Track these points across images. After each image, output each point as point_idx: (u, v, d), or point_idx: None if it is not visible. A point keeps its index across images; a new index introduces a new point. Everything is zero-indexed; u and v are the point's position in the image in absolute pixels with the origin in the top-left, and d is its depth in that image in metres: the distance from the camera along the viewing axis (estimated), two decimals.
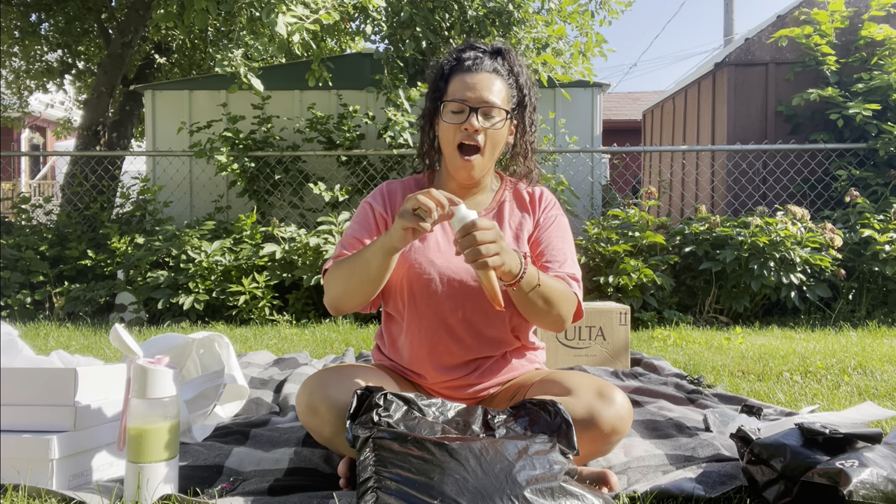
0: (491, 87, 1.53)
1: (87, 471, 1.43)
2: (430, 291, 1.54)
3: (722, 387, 2.45)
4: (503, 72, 1.57)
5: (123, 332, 1.37)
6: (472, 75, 1.53)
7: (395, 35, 5.31)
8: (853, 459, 1.19)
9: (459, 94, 1.52)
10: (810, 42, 5.54)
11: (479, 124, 1.51)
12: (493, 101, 1.52)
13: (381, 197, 1.65)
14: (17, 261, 4.88)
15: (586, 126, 6.28)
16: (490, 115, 1.52)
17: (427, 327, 1.56)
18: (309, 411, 1.42)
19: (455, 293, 1.54)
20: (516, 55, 1.62)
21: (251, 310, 4.49)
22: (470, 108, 1.51)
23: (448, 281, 1.54)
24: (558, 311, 1.47)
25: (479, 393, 1.59)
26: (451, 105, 1.53)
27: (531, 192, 1.68)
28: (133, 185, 5.75)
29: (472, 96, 1.51)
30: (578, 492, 1.14)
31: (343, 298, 1.50)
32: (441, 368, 1.57)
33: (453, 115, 1.53)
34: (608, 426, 1.36)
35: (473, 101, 1.51)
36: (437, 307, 1.54)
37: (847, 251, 4.54)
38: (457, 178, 1.59)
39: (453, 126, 1.52)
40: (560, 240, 1.63)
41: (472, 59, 1.56)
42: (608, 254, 4.54)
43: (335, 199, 5.21)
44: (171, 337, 2.01)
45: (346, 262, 1.50)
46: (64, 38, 8.46)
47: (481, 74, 1.53)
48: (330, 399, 1.40)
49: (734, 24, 12.54)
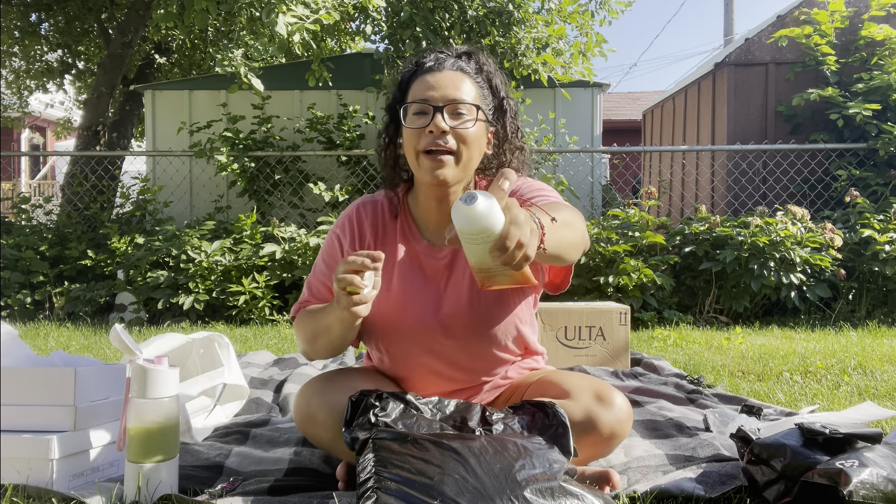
0: (457, 83, 1.35)
1: (87, 471, 1.43)
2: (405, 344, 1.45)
3: (722, 387, 2.44)
4: (470, 70, 1.40)
5: (123, 332, 1.37)
6: (433, 74, 1.36)
7: (395, 35, 5.30)
8: (853, 459, 1.19)
9: (421, 95, 1.34)
10: (810, 42, 5.54)
11: (447, 124, 1.32)
12: (462, 97, 1.34)
13: (350, 229, 1.49)
14: (17, 261, 4.88)
15: (586, 126, 6.28)
16: (458, 114, 1.34)
17: (410, 371, 1.50)
18: (306, 419, 1.40)
19: (434, 338, 1.43)
20: (486, 56, 1.47)
21: (251, 310, 4.49)
22: (434, 107, 1.32)
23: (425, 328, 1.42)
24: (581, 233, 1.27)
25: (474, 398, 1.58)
26: (412, 107, 1.35)
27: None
28: (133, 185, 5.75)
29: (435, 94, 1.33)
30: (578, 491, 1.14)
31: (312, 353, 1.44)
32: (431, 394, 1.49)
33: (415, 118, 1.34)
34: (607, 430, 1.34)
35: (437, 99, 1.33)
36: (417, 356, 1.46)
37: (847, 251, 4.54)
38: (428, 184, 1.38)
39: (417, 131, 1.34)
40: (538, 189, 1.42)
41: (434, 60, 1.39)
42: (608, 254, 4.54)
43: (335, 199, 5.21)
44: (171, 337, 2.01)
45: (309, 319, 1.41)
46: (64, 38, 8.46)
47: (444, 72, 1.37)
48: (327, 405, 1.38)
49: (734, 24, 12.54)
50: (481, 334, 1.43)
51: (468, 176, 1.42)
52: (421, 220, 1.49)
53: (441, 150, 1.32)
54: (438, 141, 1.32)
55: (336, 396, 1.38)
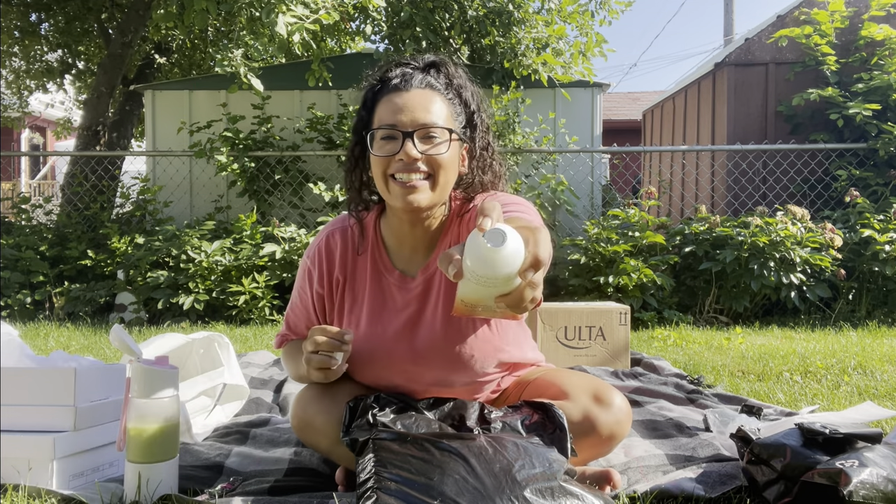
0: (427, 105, 1.27)
1: (87, 471, 1.43)
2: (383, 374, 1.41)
3: (722, 387, 2.44)
4: (439, 86, 1.32)
5: (123, 332, 1.37)
6: (400, 94, 1.27)
7: (395, 35, 5.31)
8: (853, 459, 1.19)
9: (388, 119, 1.26)
10: (810, 42, 5.54)
11: (417, 150, 1.25)
12: (433, 120, 1.26)
13: (320, 262, 1.45)
14: (17, 261, 4.88)
15: (586, 126, 6.27)
16: (430, 137, 1.26)
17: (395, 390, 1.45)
18: (304, 425, 1.39)
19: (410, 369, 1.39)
20: (455, 67, 1.37)
21: (251, 310, 4.49)
22: (403, 133, 1.25)
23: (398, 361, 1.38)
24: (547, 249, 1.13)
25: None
26: (379, 133, 1.27)
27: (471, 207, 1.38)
28: (133, 185, 5.75)
29: (405, 119, 1.25)
30: (578, 491, 1.14)
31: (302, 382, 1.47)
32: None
33: (384, 145, 1.27)
34: (606, 431, 1.33)
35: (406, 124, 1.25)
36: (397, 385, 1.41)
37: (847, 251, 4.54)
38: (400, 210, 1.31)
39: (385, 159, 1.26)
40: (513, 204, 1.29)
41: (401, 76, 1.30)
42: (608, 254, 4.54)
43: (335, 199, 5.21)
44: (171, 337, 2.01)
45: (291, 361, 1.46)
46: (64, 38, 8.46)
47: (412, 92, 1.28)
48: (324, 411, 1.37)
49: (734, 24, 12.54)
50: (457, 365, 1.37)
51: (444, 198, 1.35)
52: (393, 247, 1.43)
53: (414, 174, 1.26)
54: (410, 167, 1.25)
55: (333, 402, 1.37)
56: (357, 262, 1.44)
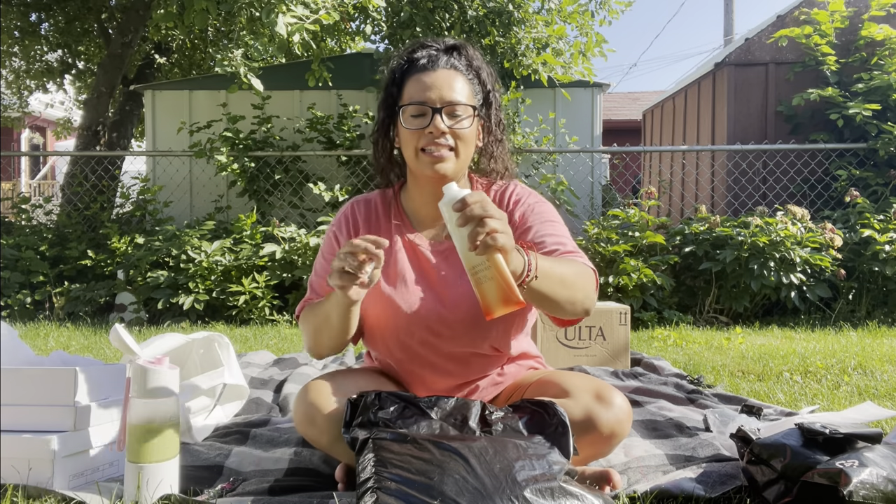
0: (452, 83, 1.40)
1: (87, 471, 1.43)
2: (402, 337, 1.46)
3: (722, 387, 2.44)
4: (462, 67, 1.44)
5: (123, 332, 1.37)
6: (428, 74, 1.40)
7: (395, 35, 5.31)
8: (853, 459, 1.19)
9: (418, 96, 1.38)
10: (810, 42, 5.54)
11: (445, 125, 1.38)
12: (458, 98, 1.39)
13: (346, 224, 1.53)
14: (17, 261, 4.88)
15: (586, 126, 6.28)
16: (455, 114, 1.39)
17: (408, 367, 1.50)
18: (306, 421, 1.40)
19: (430, 331, 1.44)
20: (474, 50, 1.50)
21: (251, 310, 4.49)
22: (432, 109, 1.38)
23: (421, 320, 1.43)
24: (582, 291, 1.31)
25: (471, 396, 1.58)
26: (410, 109, 1.39)
27: (500, 192, 1.53)
28: (133, 185, 5.75)
29: (433, 96, 1.38)
30: (578, 492, 1.14)
31: (316, 348, 1.45)
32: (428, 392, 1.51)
33: (414, 120, 1.39)
34: (607, 429, 1.34)
35: (435, 100, 1.38)
36: (414, 350, 1.46)
37: (847, 251, 4.54)
38: (425, 179, 1.44)
39: (416, 132, 1.39)
40: (549, 224, 1.46)
41: (427, 58, 1.42)
42: (608, 254, 4.54)
43: (335, 199, 5.21)
44: (171, 337, 2.01)
45: (311, 314, 1.44)
46: (64, 38, 8.46)
47: (439, 72, 1.40)
48: (326, 407, 1.38)
49: (734, 24, 12.54)
50: (477, 325, 1.43)
51: (464, 169, 1.47)
52: (414, 216, 1.53)
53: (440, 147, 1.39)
54: (438, 141, 1.38)
55: (335, 398, 1.39)
56: (381, 225, 1.53)
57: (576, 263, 1.35)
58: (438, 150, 1.38)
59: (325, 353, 1.46)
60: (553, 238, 1.42)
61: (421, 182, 1.46)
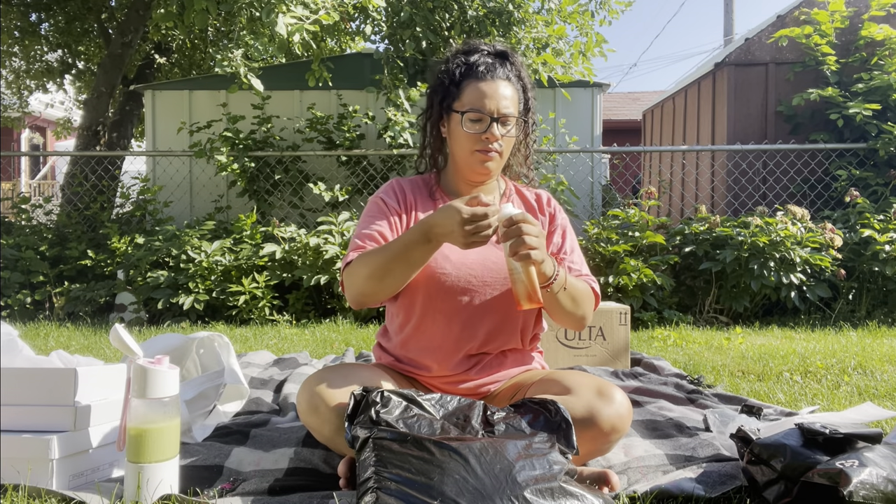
0: (507, 95, 1.56)
1: (87, 471, 1.43)
2: (447, 286, 1.55)
3: (722, 387, 2.45)
4: (513, 78, 1.60)
5: (123, 332, 1.37)
6: (487, 84, 1.56)
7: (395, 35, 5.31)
8: (853, 459, 1.19)
9: (478, 104, 1.54)
10: (810, 42, 5.54)
11: (499, 133, 1.55)
12: (511, 111, 1.56)
13: (394, 193, 1.66)
14: (17, 261, 4.88)
15: (586, 126, 6.28)
16: (507, 124, 1.57)
17: (441, 319, 1.57)
18: (310, 410, 1.43)
19: (473, 287, 1.56)
20: (518, 56, 1.65)
21: (251, 310, 4.49)
22: (491, 118, 1.54)
23: (466, 276, 1.56)
24: (583, 311, 1.57)
25: (479, 389, 1.60)
26: (471, 115, 1.55)
27: (537, 195, 1.73)
28: (133, 185, 5.75)
29: (492, 106, 1.54)
30: (578, 492, 1.14)
31: (373, 291, 1.48)
32: (447, 360, 1.58)
33: (473, 125, 1.55)
34: (608, 425, 1.37)
35: (493, 111, 1.54)
36: (454, 301, 1.55)
37: (847, 251, 4.54)
38: (471, 178, 1.62)
39: (473, 136, 1.55)
40: (574, 243, 1.71)
41: (485, 66, 1.57)
42: (608, 254, 4.54)
43: (335, 199, 5.21)
44: (171, 337, 2.01)
45: (376, 254, 1.47)
46: (64, 38, 8.46)
47: (497, 83, 1.56)
48: (331, 398, 1.41)
49: (734, 24, 12.54)
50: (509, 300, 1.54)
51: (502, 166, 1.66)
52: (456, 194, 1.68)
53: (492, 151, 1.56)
54: (491, 145, 1.56)
55: (340, 390, 1.42)
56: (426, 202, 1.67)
57: (586, 286, 1.59)
58: (490, 153, 1.56)
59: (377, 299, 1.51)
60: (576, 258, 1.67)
61: (464, 171, 1.63)
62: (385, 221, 1.60)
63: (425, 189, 1.69)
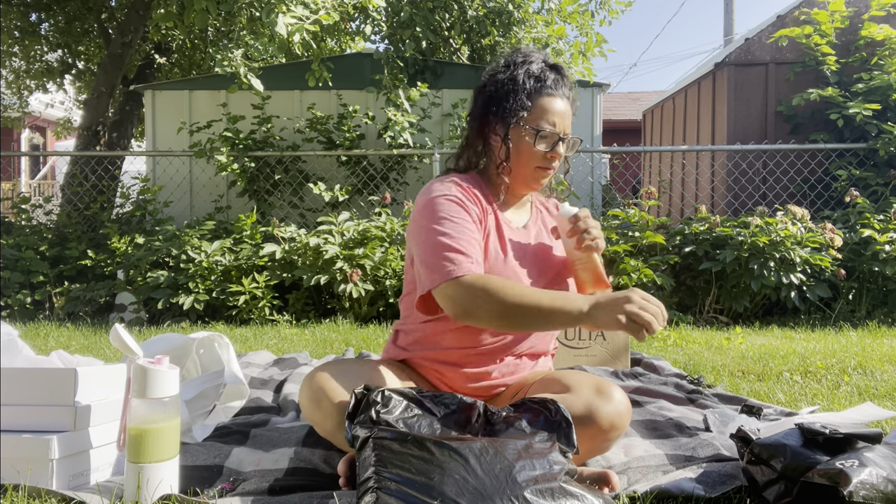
0: (569, 114, 1.61)
1: (87, 471, 1.43)
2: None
3: (722, 387, 2.44)
4: (570, 95, 1.63)
5: (123, 332, 1.37)
6: (556, 101, 1.58)
7: (395, 35, 5.31)
8: (853, 460, 1.19)
9: (550, 122, 1.56)
10: (810, 42, 5.54)
11: (562, 152, 1.60)
12: (570, 131, 1.61)
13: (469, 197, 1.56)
14: (17, 261, 4.88)
15: (586, 126, 6.28)
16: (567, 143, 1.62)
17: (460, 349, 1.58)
18: (312, 404, 1.44)
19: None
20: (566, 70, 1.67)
21: (251, 310, 4.49)
22: (559, 138, 1.58)
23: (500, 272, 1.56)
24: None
25: (492, 389, 1.61)
26: (543, 132, 1.56)
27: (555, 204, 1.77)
28: (133, 185, 5.75)
29: (561, 126, 1.58)
30: (578, 492, 1.14)
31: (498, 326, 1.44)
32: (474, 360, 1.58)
33: (542, 141, 1.57)
34: (607, 422, 1.37)
35: (561, 131, 1.58)
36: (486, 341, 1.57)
37: (847, 251, 4.54)
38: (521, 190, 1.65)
39: (540, 152, 1.57)
40: None
41: (553, 82, 1.59)
42: (608, 254, 4.54)
43: (335, 199, 5.21)
44: (171, 337, 2.01)
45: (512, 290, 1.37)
46: (64, 38, 8.46)
47: (564, 102, 1.59)
48: (333, 393, 1.42)
49: (734, 24, 12.54)
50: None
51: None
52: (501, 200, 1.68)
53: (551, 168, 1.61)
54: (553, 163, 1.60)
55: (343, 385, 1.43)
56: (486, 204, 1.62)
57: None
58: (549, 171, 1.60)
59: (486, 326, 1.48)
60: None
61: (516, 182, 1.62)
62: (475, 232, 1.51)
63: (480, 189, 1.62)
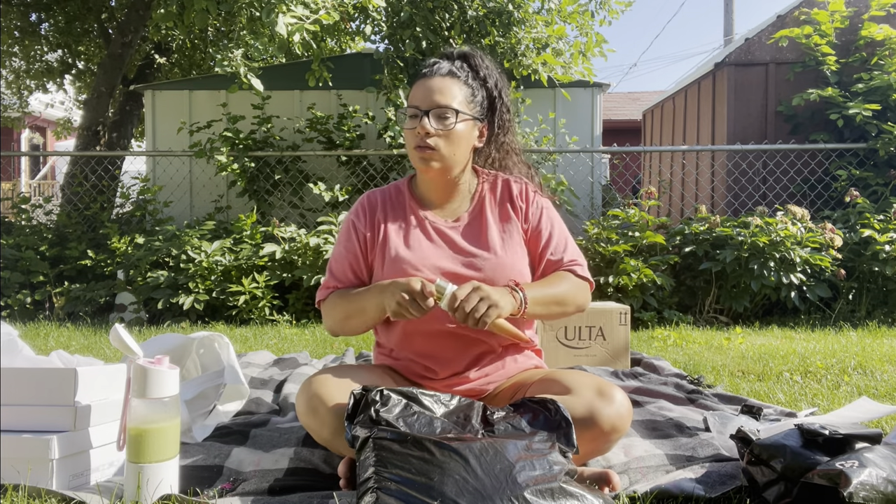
0: (444, 89, 1.55)
1: (87, 471, 1.43)
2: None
3: (722, 387, 2.44)
4: (461, 74, 1.59)
5: (123, 332, 1.37)
6: (426, 80, 1.58)
7: (395, 35, 5.30)
8: (853, 460, 1.19)
9: (413, 101, 1.57)
10: (810, 42, 5.54)
11: (431, 127, 1.53)
12: (446, 103, 1.54)
13: (363, 213, 1.67)
14: (17, 261, 4.88)
15: (586, 126, 6.28)
16: (443, 117, 1.55)
17: (427, 333, 1.57)
18: (309, 411, 1.42)
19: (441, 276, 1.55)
20: (483, 57, 1.65)
21: (251, 310, 4.49)
22: (422, 112, 1.54)
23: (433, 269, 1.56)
24: (575, 305, 1.61)
25: (477, 389, 1.60)
26: (408, 111, 1.58)
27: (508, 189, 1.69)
28: (133, 185, 5.75)
29: (425, 101, 1.55)
30: (578, 492, 1.14)
31: (343, 330, 1.62)
32: (444, 365, 1.58)
33: (410, 121, 1.57)
34: (608, 424, 1.36)
35: (425, 104, 1.55)
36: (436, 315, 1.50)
37: (847, 251, 4.54)
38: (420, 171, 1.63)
39: (410, 131, 1.57)
40: (556, 227, 1.68)
41: (430, 66, 1.60)
42: (608, 254, 4.54)
43: (335, 199, 5.21)
44: (171, 337, 2.01)
45: (341, 302, 1.58)
46: (64, 38, 8.46)
47: (435, 79, 1.57)
48: (329, 399, 1.40)
49: (734, 24, 12.53)
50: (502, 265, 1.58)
51: (459, 165, 1.62)
52: (425, 198, 1.69)
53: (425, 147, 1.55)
54: (426, 140, 1.55)
55: (339, 392, 1.41)
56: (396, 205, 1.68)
57: (570, 280, 1.61)
58: (424, 149, 1.55)
59: (350, 335, 1.63)
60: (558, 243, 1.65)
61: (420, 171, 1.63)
62: (354, 254, 1.64)
63: (397, 194, 1.70)
